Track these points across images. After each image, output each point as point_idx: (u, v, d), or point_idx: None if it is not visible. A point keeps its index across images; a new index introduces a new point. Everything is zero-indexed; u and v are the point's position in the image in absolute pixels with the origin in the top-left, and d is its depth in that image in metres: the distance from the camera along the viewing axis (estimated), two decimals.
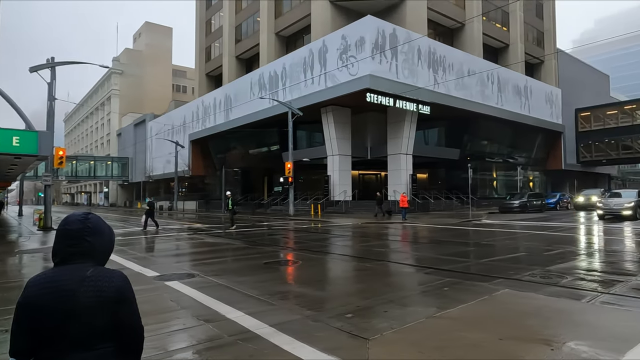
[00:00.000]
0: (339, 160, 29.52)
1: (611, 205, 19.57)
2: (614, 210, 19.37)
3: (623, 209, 18.92)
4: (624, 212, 18.82)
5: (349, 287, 7.27)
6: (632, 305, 5.48)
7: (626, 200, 19.58)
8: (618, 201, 19.61)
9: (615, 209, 19.29)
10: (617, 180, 63.46)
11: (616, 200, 19.83)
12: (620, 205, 19.18)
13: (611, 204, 19.73)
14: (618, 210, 19.12)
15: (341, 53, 26.72)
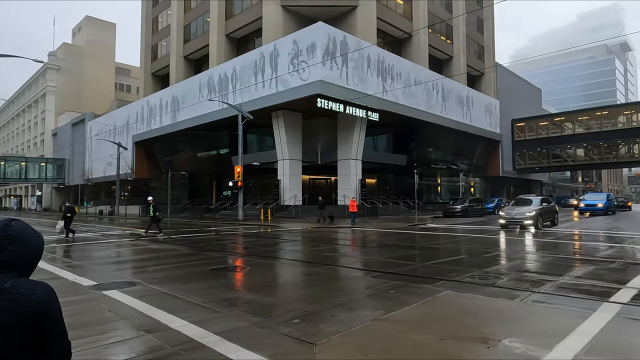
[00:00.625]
0: (289, 165, 29.47)
1: (513, 214, 18.12)
2: (516, 220, 17.97)
3: (525, 218, 17.58)
4: (525, 221, 17.49)
5: (298, 292, 7.24)
6: (559, 303, 5.89)
7: (528, 209, 18.12)
8: (520, 210, 18.14)
9: (517, 218, 17.86)
10: (548, 186, 68.38)
11: (518, 210, 18.28)
12: (521, 214, 17.78)
13: (513, 212, 18.27)
14: (519, 220, 17.76)
15: (292, 58, 26.76)
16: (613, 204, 33.73)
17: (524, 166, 51.24)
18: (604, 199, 31.73)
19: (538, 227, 17.59)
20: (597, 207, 30.76)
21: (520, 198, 21.38)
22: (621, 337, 4.37)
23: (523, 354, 3.90)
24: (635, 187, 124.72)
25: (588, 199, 33.06)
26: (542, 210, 18.52)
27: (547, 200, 20.29)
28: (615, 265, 9.09)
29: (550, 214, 19.60)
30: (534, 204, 18.63)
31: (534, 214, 17.61)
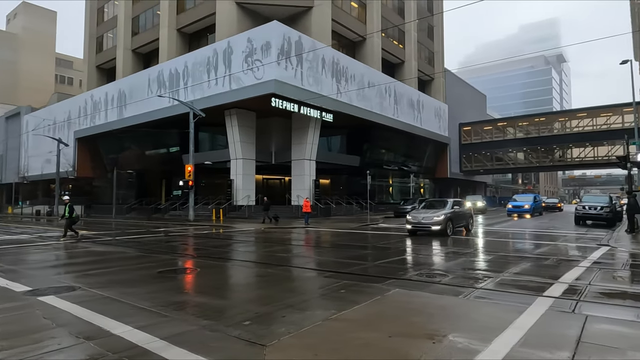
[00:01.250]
0: (242, 164, 29.05)
1: (419, 219, 16.13)
2: (423, 225, 15.96)
3: (432, 223, 15.64)
4: (433, 227, 15.58)
5: (249, 294, 7.16)
6: (499, 298, 6.24)
7: (436, 213, 16.17)
8: (427, 214, 16.20)
9: (424, 223, 15.90)
10: (491, 187, 72.11)
11: (425, 214, 16.36)
12: (429, 219, 15.84)
13: (419, 217, 16.27)
14: (426, 225, 15.82)
15: (247, 56, 26.41)
16: (540, 205, 33.92)
17: (470, 168, 53.74)
18: (530, 201, 31.84)
19: (447, 233, 15.69)
20: (524, 209, 30.96)
21: (431, 201, 19.99)
22: (552, 329, 4.69)
23: (465, 348, 4.09)
24: (568, 189, 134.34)
25: (515, 201, 32.96)
26: (453, 214, 16.47)
27: (459, 203, 18.28)
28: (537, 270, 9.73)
29: (462, 219, 17.48)
30: (444, 208, 16.67)
31: (442, 218, 15.67)
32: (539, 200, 34.35)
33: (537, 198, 33.60)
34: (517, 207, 31.19)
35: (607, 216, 21.63)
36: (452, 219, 16.23)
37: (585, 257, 10.47)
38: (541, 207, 34.50)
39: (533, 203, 31.35)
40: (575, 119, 48.56)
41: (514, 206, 31.54)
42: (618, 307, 5.82)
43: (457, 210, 16.95)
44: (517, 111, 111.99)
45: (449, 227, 15.84)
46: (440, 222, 15.60)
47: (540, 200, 34.72)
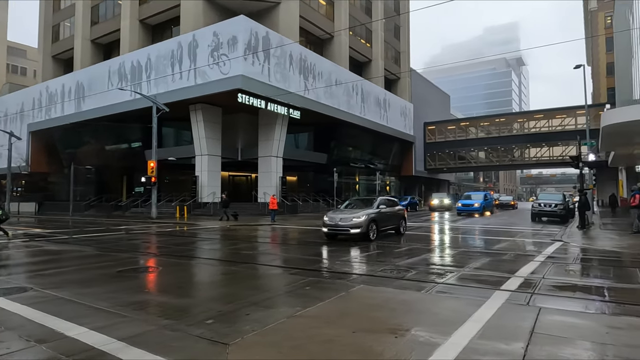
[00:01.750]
0: (208, 161, 28.52)
1: (337, 220, 13.28)
2: (340, 228, 13.25)
3: (350, 225, 13.00)
4: (351, 230, 12.96)
5: (213, 292, 7.04)
6: (459, 293, 6.43)
7: (356, 214, 13.39)
8: (346, 215, 13.41)
9: (342, 225, 13.15)
10: (454, 185, 74.23)
11: (343, 214, 13.52)
12: (347, 220, 13.12)
13: (337, 218, 13.39)
14: (344, 228, 13.14)
15: (212, 50, 25.91)
16: (491, 204, 32.72)
17: (434, 166, 55.08)
18: (480, 199, 30.43)
19: (369, 237, 13.20)
20: (474, 207, 29.54)
21: (356, 199, 16.96)
22: (509, 321, 4.88)
23: (426, 342, 4.19)
24: (526, 187, 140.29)
25: (464, 199, 31.46)
26: (379, 215, 13.86)
27: (390, 202, 15.61)
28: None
29: (390, 220, 14.90)
30: (368, 207, 14.05)
31: (362, 219, 13.03)
32: (490, 198, 33.11)
33: (488, 196, 32.44)
34: (467, 206, 29.81)
35: (560, 213, 22.73)
36: (377, 221, 13.68)
37: (540, 252, 10.96)
38: (492, 205, 33.41)
39: (483, 201, 30.05)
40: (533, 120, 50.73)
41: (464, 205, 30.10)
42: (569, 299, 6.12)
43: (383, 210, 14.26)
44: (479, 111, 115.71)
45: (371, 230, 13.29)
46: (361, 224, 12.94)
47: (491, 198, 33.37)
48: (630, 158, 27.94)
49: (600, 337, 4.31)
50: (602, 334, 4.42)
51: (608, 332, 4.44)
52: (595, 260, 10.00)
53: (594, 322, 4.94)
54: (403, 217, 15.91)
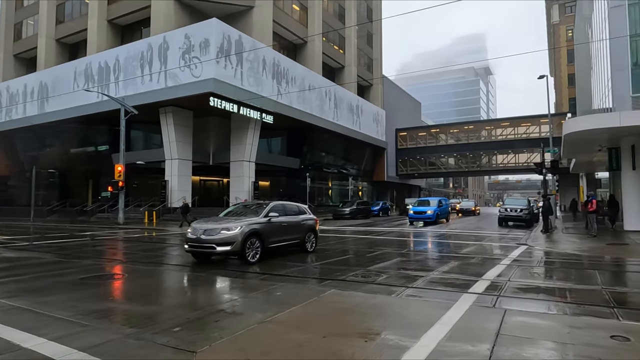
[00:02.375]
0: (178, 165, 27.96)
1: (199, 234, 9.84)
2: (203, 245, 9.74)
3: (217, 241, 9.51)
4: (218, 247, 9.50)
5: (181, 299, 6.86)
6: (429, 296, 6.53)
7: (227, 224, 9.81)
8: (212, 226, 9.84)
9: (205, 240, 9.68)
10: (425, 191, 75.60)
11: (209, 225, 9.96)
12: (213, 233, 9.65)
13: (200, 230, 9.88)
14: (209, 245, 9.61)
15: (184, 52, 25.51)
16: (446, 210, 28.80)
17: (405, 172, 55.96)
18: (434, 206, 26.44)
19: (246, 258, 9.64)
20: (427, 215, 25.51)
21: (243, 205, 12.72)
22: (475, 323, 4.98)
23: (396, 345, 4.21)
24: (493, 193, 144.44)
25: (416, 206, 27.38)
26: (267, 226, 10.33)
27: (291, 209, 11.84)
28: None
29: (291, 233, 11.29)
30: (251, 216, 10.55)
31: (236, 232, 9.51)
32: (445, 204, 29.09)
33: (443, 202, 28.74)
34: (419, 214, 25.88)
35: (525, 217, 23.51)
36: (263, 234, 10.10)
37: (506, 255, 11.28)
38: (448, 212, 29.60)
39: (437, 208, 26.21)
40: (500, 127, 52.38)
41: (416, 212, 26.07)
42: (533, 301, 6.31)
43: (275, 220, 10.62)
44: (449, 119, 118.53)
45: (251, 248, 9.74)
46: (233, 240, 9.37)
47: (446, 204, 29.47)
48: (590, 165, 29.27)
49: (562, 337, 4.45)
50: (564, 334, 4.57)
51: (569, 332, 4.59)
52: (558, 263, 10.37)
53: (556, 322, 5.11)
54: (312, 230, 12.17)
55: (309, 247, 12.04)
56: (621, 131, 16.25)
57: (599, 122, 16.73)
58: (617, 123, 15.38)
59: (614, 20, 17.46)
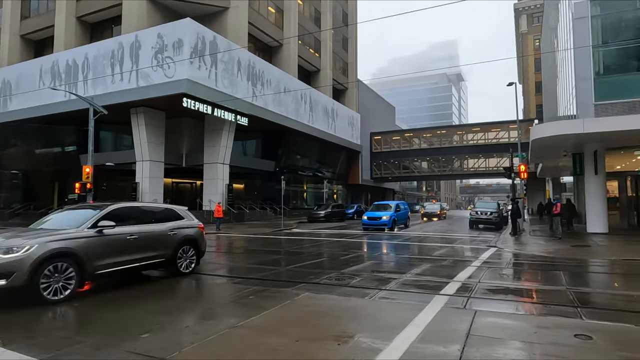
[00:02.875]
0: (149, 167, 27.31)
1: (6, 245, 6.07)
2: None
3: None
4: None
5: (150, 305, 6.67)
6: (401, 298, 6.59)
7: (11, 243, 6.11)
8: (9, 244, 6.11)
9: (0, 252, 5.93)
10: (399, 194, 76.56)
11: None
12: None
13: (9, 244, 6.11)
14: None
15: (156, 52, 24.98)
16: (405, 216, 25.58)
17: (379, 175, 56.54)
18: (390, 211, 23.46)
19: (44, 296, 6.09)
20: (381, 222, 22.45)
21: (69, 210, 8.57)
22: (447, 324, 5.05)
23: (369, 347, 4.22)
24: (464, 196, 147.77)
25: (371, 211, 24.47)
26: (90, 243, 6.93)
27: (147, 213, 8.58)
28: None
29: (145, 248, 7.94)
30: (68, 226, 7.06)
31: (21, 254, 5.97)
32: (404, 209, 25.93)
33: (402, 206, 25.75)
34: (373, 220, 22.88)
35: (495, 220, 24.13)
36: (80, 255, 6.67)
37: (477, 257, 11.53)
38: (407, 217, 26.01)
39: (393, 214, 23.15)
40: (471, 132, 53.64)
41: (370, 218, 23.09)
42: (502, 302, 6.47)
43: (111, 232, 7.28)
44: (422, 123, 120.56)
45: (52, 279, 6.24)
46: (10, 269, 5.85)
47: (405, 209, 26.19)
48: (555, 170, 30.35)
49: (529, 337, 4.57)
50: (531, 333, 4.70)
51: (536, 332, 4.72)
52: (526, 264, 10.68)
53: (524, 322, 5.25)
54: (190, 242, 8.90)
55: (184, 268, 8.67)
56: (585, 137, 16.93)
57: (564, 129, 17.37)
58: (580, 129, 16.01)
59: (577, 31, 18.20)
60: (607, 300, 6.85)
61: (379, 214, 23.22)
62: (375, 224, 22.69)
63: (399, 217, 24.24)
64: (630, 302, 6.52)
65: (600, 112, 17.36)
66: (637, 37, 17.52)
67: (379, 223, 22.57)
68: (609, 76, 18.01)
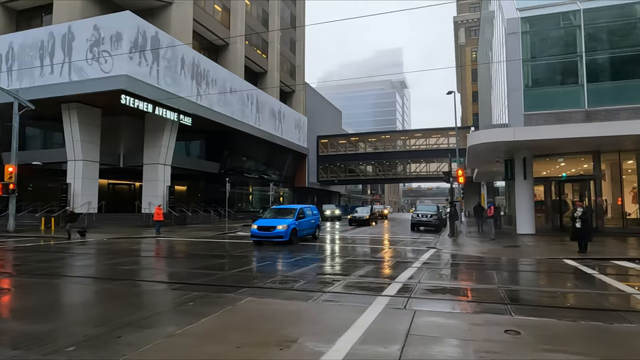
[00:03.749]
0: (82, 167, 25.61)
1: None
2: None
3: None
4: None
5: (80, 315, 6.22)
6: (344, 300, 6.64)
7: None
8: None
9: None
10: (345, 197, 77.72)
11: None
12: None
13: None
14: None
15: (92, 45, 23.53)
16: (312, 224, 18.73)
17: (326, 178, 57.10)
18: (289, 218, 17.08)
19: None
20: (276, 232, 16.07)
21: None
22: (387, 325, 5.16)
23: (311, 351, 4.19)
24: (407, 199, 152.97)
25: (265, 218, 17.81)
26: None
27: None
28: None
29: None
30: None
31: None
32: (313, 215, 19.39)
33: (308, 212, 18.98)
34: (265, 231, 16.40)
35: (435, 223, 25.17)
36: None
37: (417, 258, 11.93)
38: (315, 226, 19.20)
39: (293, 222, 16.86)
40: (414, 138, 55.74)
41: (260, 228, 16.55)
42: (439, 301, 6.72)
43: None
44: (368, 128, 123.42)
45: None
46: None
47: (314, 216, 19.53)
48: (490, 175, 32.32)
49: (464, 334, 4.77)
50: (466, 331, 4.91)
51: (470, 329, 4.94)
52: (462, 264, 11.22)
53: (459, 320, 5.48)
54: None
55: None
56: (515, 145, 18.16)
57: (497, 136, 18.54)
58: (512, 137, 17.16)
59: (510, 45, 19.51)
60: (534, 297, 7.34)
61: (273, 222, 16.65)
62: (267, 236, 16.18)
63: (302, 226, 17.54)
64: (554, 299, 7.04)
65: (529, 121, 18.69)
66: (561, 54, 19.10)
67: (273, 234, 16.07)
68: (537, 88, 19.45)
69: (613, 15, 18.65)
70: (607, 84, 18.28)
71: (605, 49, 18.37)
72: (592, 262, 10.80)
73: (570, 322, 5.29)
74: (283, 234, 16.10)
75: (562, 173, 20.74)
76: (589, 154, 19.44)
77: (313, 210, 20.13)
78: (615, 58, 18.25)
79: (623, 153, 19.29)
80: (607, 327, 5.09)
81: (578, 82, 18.43)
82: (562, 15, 19.29)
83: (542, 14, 19.54)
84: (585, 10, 18.42)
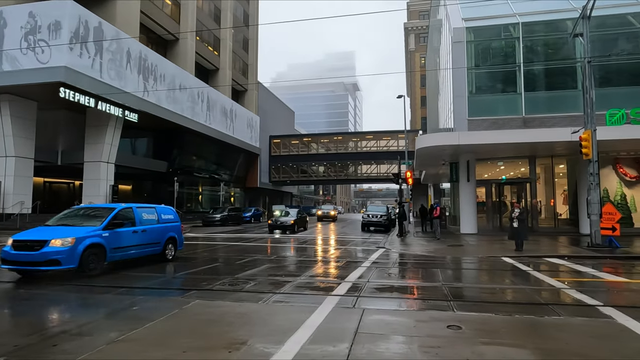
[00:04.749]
0: (15, 164, 23.76)
1: None
2: None
3: None
4: None
5: (8, 323, 5.78)
6: (295, 301, 6.66)
7: None
8: None
9: None
10: (297, 197, 77.79)
11: None
12: None
13: None
14: None
15: (27, 33, 21.92)
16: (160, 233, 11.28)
17: (278, 179, 56.85)
18: (90, 227, 9.28)
19: None
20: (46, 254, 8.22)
21: None
22: (337, 324, 5.23)
23: (260, 353, 4.17)
24: (358, 200, 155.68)
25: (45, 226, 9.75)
26: None
27: None
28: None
29: None
30: None
31: None
32: (156, 223, 11.31)
33: (149, 215, 11.24)
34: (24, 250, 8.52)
35: (384, 223, 25.83)
36: None
37: (367, 258, 12.19)
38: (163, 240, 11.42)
39: (96, 233, 9.20)
40: (365, 140, 56.87)
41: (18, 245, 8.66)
42: (387, 299, 6.91)
43: None
44: (320, 129, 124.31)
45: None
46: None
47: (164, 223, 11.72)
48: (436, 177, 33.67)
49: (410, 331, 4.94)
50: (411, 327, 5.08)
51: (415, 326, 5.12)
52: (410, 263, 11.60)
53: (406, 317, 5.67)
54: None
55: None
56: (460, 148, 19.06)
57: (443, 140, 19.37)
58: (456, 141, 18.00)
59: (455, 53, 20.45)
60: (475, 293, 7.74)
61: (48, 233, 8.91)
62: (28, 260, 8.47)
63: (125, 241, 10.11)
64: (493, 294, 7.46)
65: (473, 126, 19.69)
66: (502, 63, 20.29)
67: (39, 258, 8.34)
68: (480, 95, 20.53)
69: (548, 30, 20.09)
70: (542, 93, 19.66)
71: (540, 61, 19.75)
72: (527, 259, 11.56)
73: (507, 316, 5.64)
74: (62, 256, 8.37)
75: (502, 176, 22.01)
76: (526, 159, 20.78)
77: (171, 213, 12.57)
78: (550, 70, 19.68)
79: (555, 158, 20.83)
80: (539, 320, 5.48)
81: (517, 91, 19.67)
82: (503, 27, 20.52)
83: (486, 25, 20.67)
84: (523, 24, 19.71)
